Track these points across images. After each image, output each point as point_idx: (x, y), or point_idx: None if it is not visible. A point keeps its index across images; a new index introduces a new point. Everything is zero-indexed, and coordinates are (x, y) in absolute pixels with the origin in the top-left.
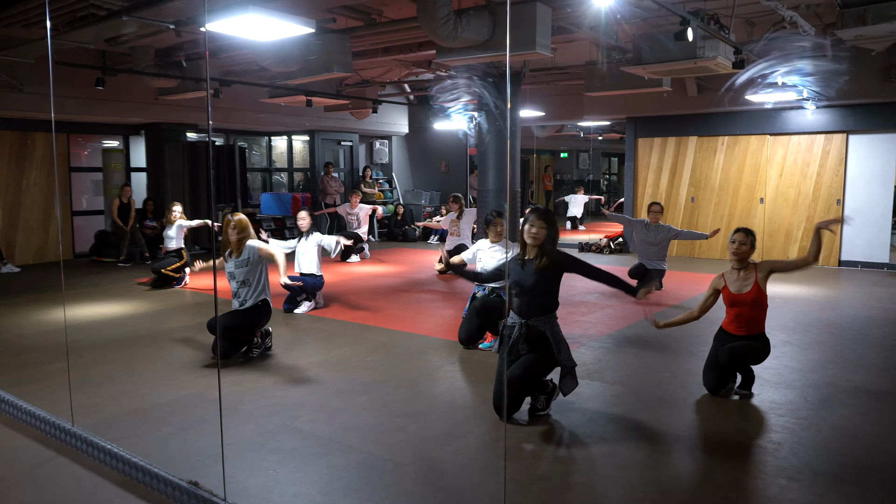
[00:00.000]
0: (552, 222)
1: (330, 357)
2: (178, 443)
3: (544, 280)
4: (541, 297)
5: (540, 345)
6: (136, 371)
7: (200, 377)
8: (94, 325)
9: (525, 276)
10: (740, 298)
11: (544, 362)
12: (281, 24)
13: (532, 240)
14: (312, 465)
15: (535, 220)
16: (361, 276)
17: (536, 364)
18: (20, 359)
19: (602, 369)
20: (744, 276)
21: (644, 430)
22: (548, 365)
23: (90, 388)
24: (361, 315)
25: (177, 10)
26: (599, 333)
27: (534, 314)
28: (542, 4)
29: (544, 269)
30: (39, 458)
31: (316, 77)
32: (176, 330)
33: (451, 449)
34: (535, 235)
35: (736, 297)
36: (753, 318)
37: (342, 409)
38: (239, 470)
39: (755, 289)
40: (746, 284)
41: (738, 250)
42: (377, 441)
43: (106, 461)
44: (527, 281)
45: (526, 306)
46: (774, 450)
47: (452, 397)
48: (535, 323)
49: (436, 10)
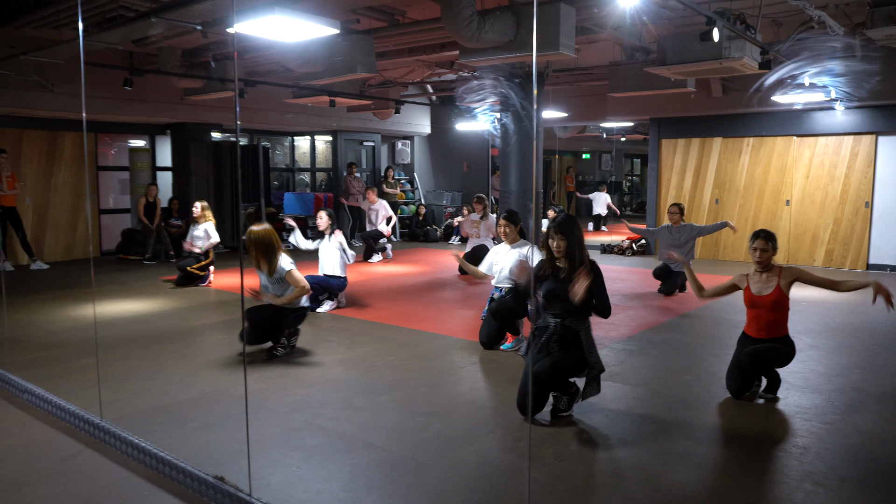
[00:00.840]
0: (569, 231)
1: (352, 356)
2: (203, 438)
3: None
4: (575, 305)
5: (571, 344)
6: (162, 367)
7: (224, 374)
8: (120, 322)
9: (556, 286)
10: (760, 300)
11: (573, 361)
12: (306, 25)
13: (557, 252)
14: (335, 462)
15: (553, 234)
16: (383, 275)
17: (564, 361)
18: (49, 354)
19: (624, 371)
20: (766, 279)
21: (667, 432)
22: (576, 364)
23: (117, 384)
24: (383, 314)
25: (204, 12)
26: (622, 336)
27: (569, 315)
28: (567, 5)
29: (570, 272)
30: (69, 451)
31: (340, 77)
32: (200, 328)
33: (473, 449)
34: (557, 248)
35: (756, 299)
36: (774, 320)
37: (364, 407)
38: (263, 466)
39: (776, 291)
40: (768, 287)
41: (760, 258)
42: (399, 440)
43: (133, 455)
44: (561, 289)
45: (559, 309)
46: (800, 454)
47: (474, 397)
48: (569, 323)
49: (459, 10)
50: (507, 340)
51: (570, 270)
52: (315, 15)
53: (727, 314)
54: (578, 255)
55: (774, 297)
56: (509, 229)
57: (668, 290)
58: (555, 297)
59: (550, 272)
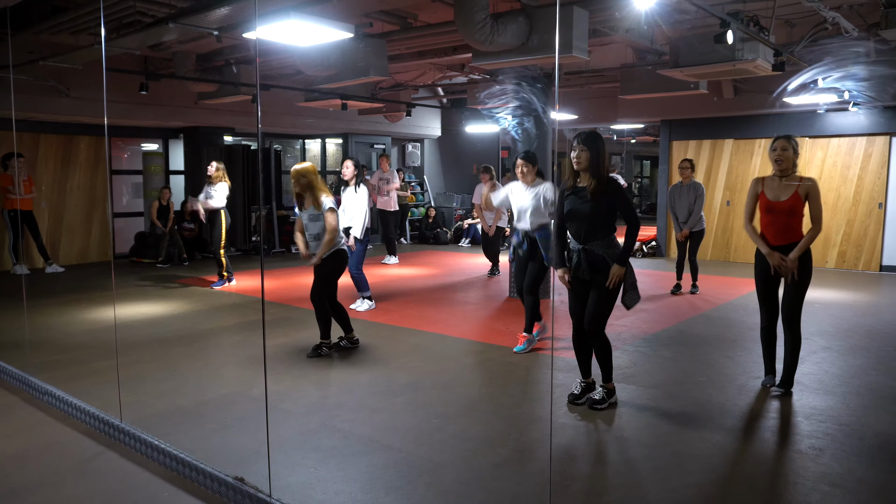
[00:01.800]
0: (592, 143)
1: (366, 358)
2: (222, 440)
3: (598, 205)
4: (598, 221)
5: (600, 271)
6: (179, 369)
7: (240, 376)
8: (136, 325)
9: (579, 203)
10: (777, 206)
11: (606, 296)
12: (322, 30)
13: (577, 164)
14: (353, 463)
15: (576, 144)
16: (395, 278)
17: (598, 304)
18: (68, 356)
19: (638, 373)
20: (785, 184)
21: (682, 433)
22: (611, 295)
23: (135, 386)
24: (396, 317)
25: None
26: (634, 337)
27: (591, 239)
28: (580, 8)
29: (598, 194)
30: (90, 452)
31: (353, 81)
32: (216, 330)
33: (490, 450)
34: (577, 158)
35: (772, 204)
36: (788, 225)
37: (380, 408)
38: (282, 467)
39: (794, 197)
40: (786, 193)
41: (780, 157)
42: (415, 441)
43: (153, 456)
44: (581, 207)
45: (583, 232)
46: (816, 456)
47: (489, 399)
48: (591, 247)
49: (473, 14)
50: (520, 342)
51: (593, 188)
52: (329, 19)
53: (740, 316)
54: (598, 173)
55: (791, 204)
56: (527, 168)
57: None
58: (577, 217)
59: (572, 191)
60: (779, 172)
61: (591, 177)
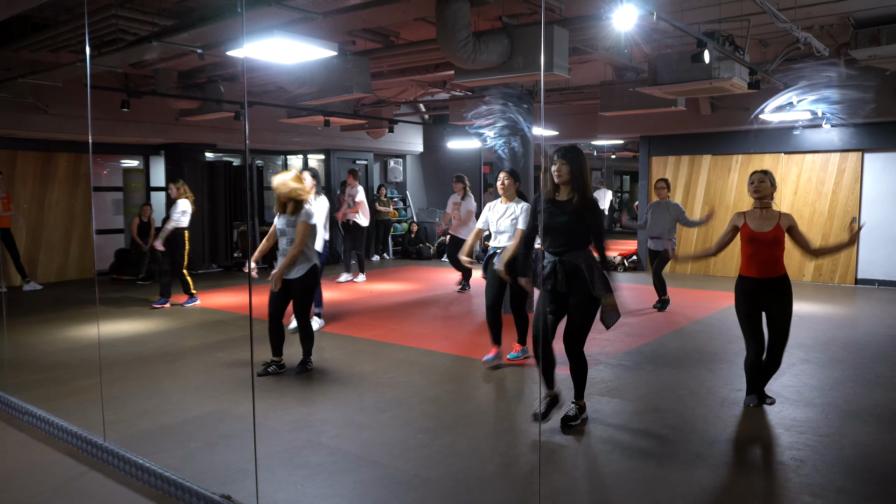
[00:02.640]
0: (574, 158)
1: (351, 374)
2: (207, 458)
3: (581, 219)
4: (577, 235)
5: (578, 284)
6: (162, 387)
7: (225, 393)
8: (118, 342)
9: (558, 216)
10: (760, 236)
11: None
12: (305, 48)
13: (557, 177)
14: (340, 480)
15: (557, 158)
16: (378, 293)
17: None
18: (49, 375)
19: (621, 387)
20: (767, 216)
21: (665, 446)
22: (588, 310)
23: (118, 404)
24: (380, 332)
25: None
26: (617, 351)
27: (569, 250)
28: (560, 27)
29: (580, 209)
30: (73, 472)
31: (336, 98)
32: (199, 347)
33: (477, 464)
34: (558, 172)
35: (755, 235)
36: (772, 257)
37: (366, 424)
38: (268, 484)
39: (776, 229)
40: (768, 224)
41: (758, 188)
42: (402, 456)
43: (138, 476)
44: (560, 220)
45: (561, 244)
46: (797, 467)
47: (476, 413)
48: (569, 258)
49: (455, 33)
50: (515, 349)
51: (576, 202)
52: (314, 37)
53: (722, 329)
54: (580, 187)
55: (774, 235)
56: (509, 182)
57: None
58: (555, 230)
59: (551, 203)
60: (759, 203)
61: (573, 190)
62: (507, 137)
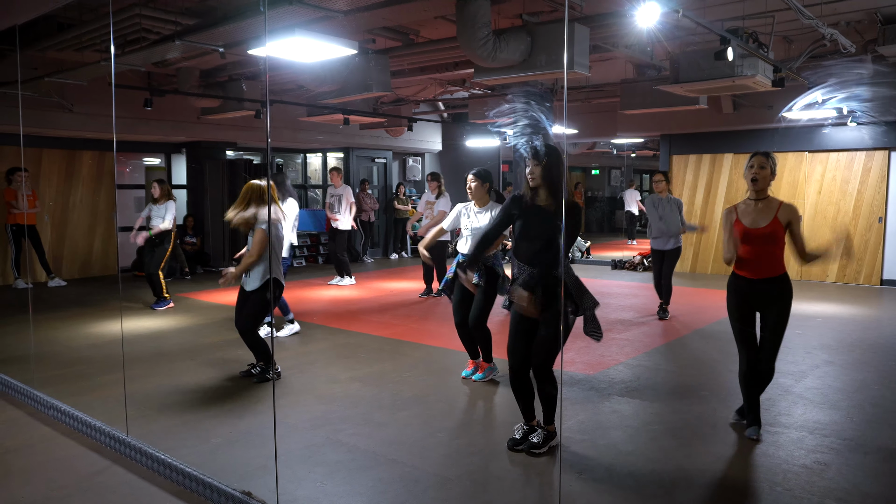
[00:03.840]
0: (547, 159)
1: (370, 372)
2: (227, 454)
3: (555, 226)
4: (548, 242)
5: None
6: (183, 383)
7: (245, 390)
8: (140, 339)
9: (535, 222)
10: (754, 233)
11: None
12: (326, 46)
13: (531, 180)
14: (359, 478)
15: (528, 160)
16: (395, 291)
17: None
18: (72, 370)
19: (641, 388)
20: (762, 208)
21: (686, 448)
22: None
23: (140, 400)
24: (398, 331)
25: (227, 34)
26: (637, 352)
27: (541, 262)
28: (581, 25)
29: (556, 216)
30: (97, 466)
31: (356, 96)
32: (219, 343)
33: (496, 464)
34: (531, 174)
35: (749, 232)
36: (769, 255)
37: (385, 423)
38: (288, 481)
39: (773, 223)
40: (764, 218)
41: (758, 174)
42: (421, 455)
43: (160, 471)
44: (537, 228)
45: (534, 253)
46: (821, 471)
47: (493, 413)
48: (544, 272)
49: (475, 31)
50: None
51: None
52: (334, 36)
53: None
54: (554, 188)
55: (770, 230)
56: (476, 184)
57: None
58: (531, 238)
59: (529, 208)
60: (754, 194)
61: (548, 195)
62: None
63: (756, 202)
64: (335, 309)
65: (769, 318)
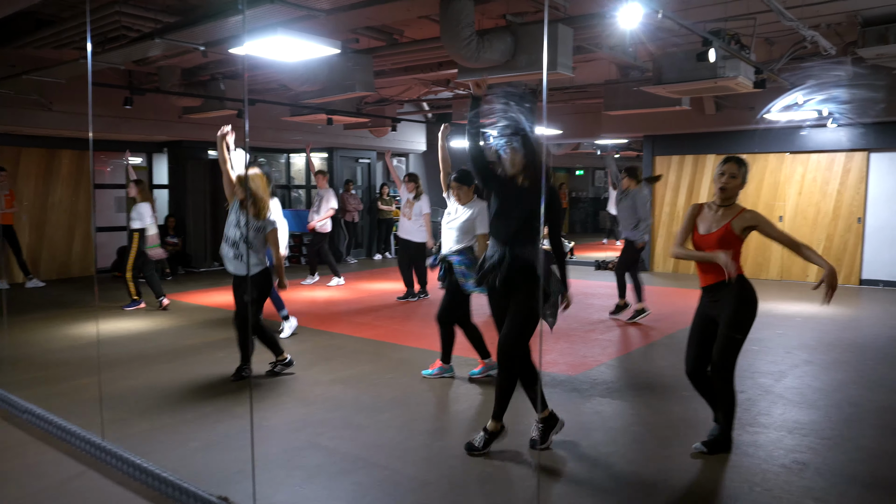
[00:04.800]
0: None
1: (351, 374)
2: (206, 458)
3: (529, 202)
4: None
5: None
6: (161, 386)
7: (224, 393)
8: (118, 341)
9: (508, 198)
10: (704, 240)
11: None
12: (309, 46)
13: (510, 167)
14: (338, 481)
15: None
16: (378, 292)
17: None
18: (49, 373)
19: (623, 388)
20: (720, 216)
21: (667, 449)
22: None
23: (117, 403)
24: (380, 332)
25: (208, 32)
26: (619, 352)
27: (517, 243)
28: (565, 26)
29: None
30: (71, 472)
31: (339, 96)
32: (199, 346)
33: (476, 466)
34: (510, 161)
35: (702, 239)
36: None
37: (366, 425)
38: (266, 486)
39: (724, 229)
40: (718, 223)
41: (727, 184)
42: (402, 458)
43: (136, 476)
44: (510, 204)
45: (510, 232)
46: (800, 470)
47: (475, 414)
48: (519, 252)
49: (459, 31)
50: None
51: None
52: (317, 35)
53: None
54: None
55: (720, 235)
56: (462, 192)
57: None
58: (502, 217)
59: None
60: (719, 199)
61: (525, 177)
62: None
63: (719, 209)
64: (317, 310)
65: (722, 319)
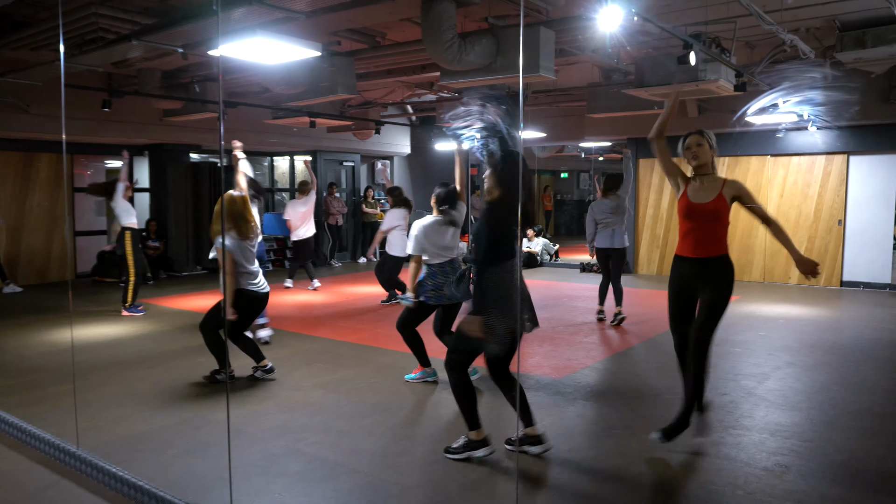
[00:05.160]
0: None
1: (334, 379)
2: (183, 466)
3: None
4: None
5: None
6: (140, 393)
7: (203, 399)
8: (96, 346)
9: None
10: (698, 209)
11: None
12: (289, 48)
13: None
14: (319, 488)
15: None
16: (362, 296)
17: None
18: (23, 380)
19: (607, 391)
20: (707, 186)
21: (650, 452)
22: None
23: (94, 410)
24: (364, 336)
25: (186, 34)
26: (603, 355)
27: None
28: (546, 28)
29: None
30: (44, 481)
31: (321, 99)
32: (179, 351)
33: (458, 472)
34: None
35: (694, 207)
36: (711, 233)
37: (347, 431)
38: (245, 494)
39: (717, 199)
40: (708, 194)
41: (697, 152)
42: (383, 464)
43: (112, 485)
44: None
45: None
46: (782, 473)
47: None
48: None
49: (441, 34)
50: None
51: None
52: (297, 37)
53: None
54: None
55: (714, 206)
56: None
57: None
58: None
59: None
60: (697, 169)
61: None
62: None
63: (701, 179)
64: (299, 314)
65: (705, 299)
